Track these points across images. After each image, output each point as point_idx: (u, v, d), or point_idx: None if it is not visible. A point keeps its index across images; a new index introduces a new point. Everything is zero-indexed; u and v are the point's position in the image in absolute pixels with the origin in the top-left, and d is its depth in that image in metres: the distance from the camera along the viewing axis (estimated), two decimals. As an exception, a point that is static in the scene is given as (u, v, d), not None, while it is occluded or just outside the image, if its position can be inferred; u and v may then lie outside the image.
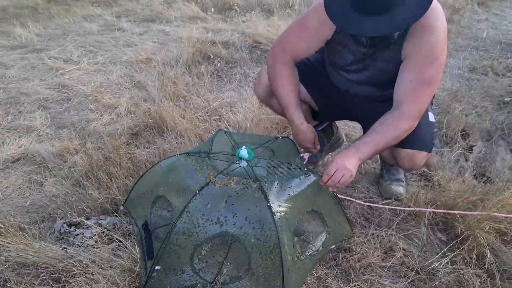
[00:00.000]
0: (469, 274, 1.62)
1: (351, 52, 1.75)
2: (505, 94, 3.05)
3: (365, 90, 1.88)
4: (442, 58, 1.62)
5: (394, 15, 1.42)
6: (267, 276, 1.45)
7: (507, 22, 4.63)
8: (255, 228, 1.45)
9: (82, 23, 4.51)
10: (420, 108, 1.66)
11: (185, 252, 1.47)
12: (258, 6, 4.75)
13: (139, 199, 1.78)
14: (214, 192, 1.48)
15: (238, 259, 1.49)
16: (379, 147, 1.66)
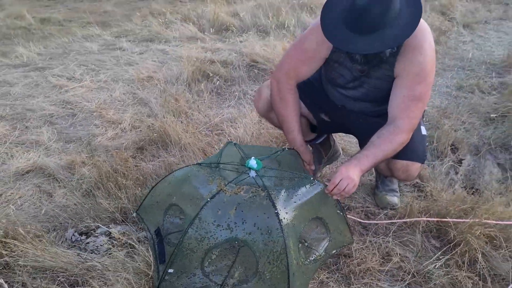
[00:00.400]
0: (462, 276, 1.73)
1: (348, 69, 1.88)
2: (491, 110, 3.21)
3: (361, 106, 2.00)
4: (431, 76, 1.76)
5: (386, 33, 1.55)
6: (273, 279, 1.54)
7: (491, 43, 4.85)
8: (263, 234, 1.55)
9: (82, 43, 4.63)
10: (413, 122, 1.79)
11: (197, 256, 1.55)
12: (254, 27, 4.92)
13: (152, 206, 1.86)
14: (225, 200, 1.58)
15: (246, 263, 1.58)
16: (378, 159, 1.78)
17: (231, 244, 1.59)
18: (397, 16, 1.56)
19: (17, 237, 1.75)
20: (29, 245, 1.71)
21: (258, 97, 2.14)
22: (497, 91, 3.58)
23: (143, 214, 1.89)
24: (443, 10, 5.68)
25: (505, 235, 1.96)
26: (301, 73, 1.94)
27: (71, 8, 8.81)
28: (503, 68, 4.07)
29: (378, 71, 1.81)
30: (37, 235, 1.82)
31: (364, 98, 1.96)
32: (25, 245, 1.70)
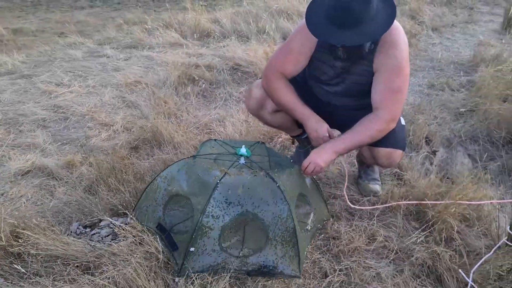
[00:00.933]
0: (440, 251, 1.92)
1: (330, 66, 2.04)
2: (460, 106, 3.45)
3: (344, 100, 2.17)
4: (406, 69, 1.94)
5: (365, 28, 1.73)
6: (284, 242, 1.76)
7: (458, 45, 5.15)
8: (269, 204, 1.76)
9: (66, 50, 4.70)
10: (394, 113, 1.96)
11: (214, 233, 1.72)
12: (234, 32, 5.08)
13: (148, 205, 1.98)
14: (231, 182, 1.77)
15: (256, 234, 1.77)
16: (354, 143, 1.97)
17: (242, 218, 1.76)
18: (375, 14, 1.74)
19: (27, 228, 1.84)
20: (40, 235, 1.80)
21: (249, 96, 2.27)
22: (465, 88, 3.84)
23: (139, 216, 2.00)
24: (412, 15, 5.98)
25: (477, 215, 2.16)
26: (287, 70, 2.08)
27: (43, 18, 8.82)
28: (470, 67, 4.35)
29: (358, 67, 1.98)
30: (45, 228, 1.92)
31: (347, 94, 2.12)
32: (37, 236, 1.79)
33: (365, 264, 1.91)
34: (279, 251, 1.75)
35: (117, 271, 1.68)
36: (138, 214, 2.02)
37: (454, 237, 2.02)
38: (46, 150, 2.70)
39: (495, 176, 2.73)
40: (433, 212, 2.10)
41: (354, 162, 2.69)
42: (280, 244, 1.75)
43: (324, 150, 1.95)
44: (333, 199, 2.36)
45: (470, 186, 2.24)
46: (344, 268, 1.88)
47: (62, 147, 2.76)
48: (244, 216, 1.76)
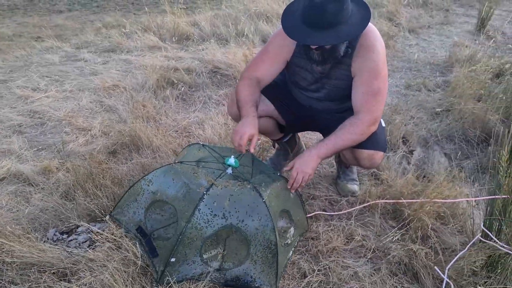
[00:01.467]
0: (416, 248, 1.95)
1: (309, 71, 2.06)
2: (436, 106, 3.51)
3: (325, 105, 2.19)
4: (384, 71, 1.97)
5: (340, 29, 1.75)
6: (264, 258, 1.75)
7: (434, 46, 5.25)
8: (254, 220, 1.76)
9: (42, 55, 4.63)
10: (374, 115, 1.98)
11: (196, 244, 1.72)
12: (214, 35, 5.08)
13: (129, 206, 1.98)
14: (218, 193, 1.77)
15: (238, 247, 1.78)
16: (337, 147, 1.98)
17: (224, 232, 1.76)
18: (350, 16, 1.77)
19: (2, 236, 1.81)
20: (15, 243, 1.78)
21: (231, 102, 2.26)
22: (441, 89, 3.92)
23: (119, 215, 1.99)
24: (390, 17, 6.07)
25: (452, 212, 2.21)
26: (261, 72, 2.08)
27: (20, 22, 8.68)
28: (445, 68, 4.44)
29: (337, 71, 2.01)
30: (20, 235, 1.89)
31: (327, 98, 2.14)
32: (12, 243, 1.77)
33: (343, 264, 1.93)
34: (259, 267, 1.75)
35: (94, 277, 1.67)
36: (117, 213, 2.00)
37: (430, 235, 2.06)
38: (22, 156, 2.66)
39: (470, 174, 2.79)
40: (409, 211, 2.14)
41: (332, 163, 2.72)
42: (260, 260, 1.75)
43: (309, 157, 1.95)
44: (312, 200, 2.38)
45: (445, 184, 2.29)
46: (323, 268, 1.90)
47: (38, 153, 2.72)
48: (227, 229, 1.76)
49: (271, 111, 2.28)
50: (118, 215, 2.01)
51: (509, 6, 6.80)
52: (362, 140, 2.00)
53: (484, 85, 3.60)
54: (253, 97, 2.04)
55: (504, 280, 1.78)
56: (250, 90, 2.06)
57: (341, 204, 2.34)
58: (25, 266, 1.76)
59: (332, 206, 2.35)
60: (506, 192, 1.78)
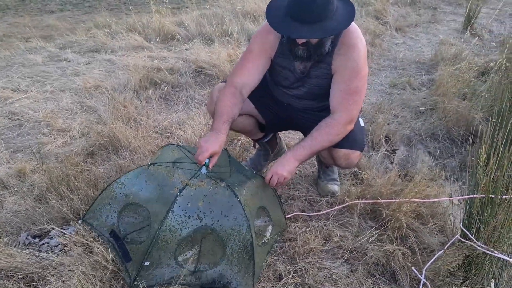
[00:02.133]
0: (393, 249, 1.93)
1: (291, 71, 2.04)
2: (420, 104, 3.50)
3: (305, 103, 2.18)
4: (364, 71, 1.96)
5: (326, 24, 1.73)
6: (240, 259, 1.72)
7: (421, 44, 5.24)
8: (229, 219, 1.72)
9: (25, 55, 4.57)
10: (351, 114, 1.97)
11: (170, 247, 1.68)
12: (199, 35, 5.04)
13: (102, 210, 1.94)
14: (192, 194, 1.73)
15: (213, 248, 1.74)
16: (314, 150, 1.96)
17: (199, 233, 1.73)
18: (335, 11, 1.76)
19: (-32, 242, 1.78)
20: (-18, 248, 1.74)
21: (210, 100, 2.23)
22: (426, 87, 3.90)
23: (92, 219, 1.96)
24: (377, 15, 6.05)
25: (432, 212, 2.19)
26: (247, 72, 2.03)
27: (11, 23, 8.60)
28: (431, 66, 4.42)
29: (317, 70, 1.99)
30: (-11, 239, 1.85)
31: (307, 96, 2.13)
32: (-21, 248, 1.73)
33: (319, 265, 1.90)
34: (235, 267, 1.72)
35: (61, 282, 1.63)
36: (90, 217, 1.96)
37: (408, 235, 2.04)
38: (-2, 159, 2.61)
39: (453, 172, 2.77)
40: (387, 211, 2.12)
41: (313, 163, 2.69)
42: (236, 260, 1.72)
43: (286, 160, 1.94)
44: (291, 200, 2.35)
45: (425, 183, 2.27)
46: (299, 269, 1.87)
47: (14, 154, 2.68)
48: (202, 230, 1.72)
49: (250, 109, 2.26)
50: (91, 219, 1.97)
51: (496, 4, 6.81)
52: (338, 140, 1.98)
53: (468, 84, 3.59)
54: (232, 110, 1.96)
55: (481, 281, 1.76)
56: (232, 101, 1.98)
57: (321, 205, 2.31)
58: (-8, 271, 1.72)
59: (312, 206, 2.32)
60: (484, 191, 1.75)
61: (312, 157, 2.15)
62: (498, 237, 1.70)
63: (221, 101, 1.99)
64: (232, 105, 1.97)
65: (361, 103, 2.04)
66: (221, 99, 1.99)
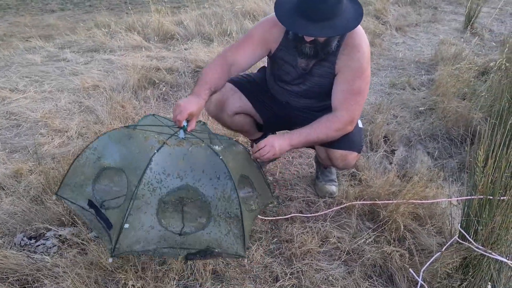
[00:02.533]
0: (390, 250, 1.91)
1: (293, 67, 2.03)
2: (420, 104, 3.48)
3: (304, 102, 2.17)
4: (367, 72, 1.96)
5: (336, 22, 1.73)
6: (227, 219, 1.64)
7: (421, 44, 5.22)
8: (212, 178, 1.64)
9: (24, 55, 4.56)
10: (352, 114, 1.97)
11: (151, 209, 1.59)
12: (198, 35, 5.03)
13: (76, 181, 1.75)
14: (171, 152, 1.63)
15: (199, 210, 1.66)
16: (309, 139, 1.96)
17: (180, 194, 1.64)
18: (344, 10, 1.76)
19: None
20: (-24, 250, 1.73)
21: (209, 99, 2.24)
22: (426, 87, 3.89)
23: (67, 193, 1.76)
24: (377, 15, 6.03)
25: (430, 213, 2.18)
26: (241, 53, 2.01)
27: (11, 22, 8.59)
28: (431, 66, 4.41)
29: (320, 69, 1.99)
30: (-16, 241, 1.84)
31: (307, 95, 2.12)
32: (-27, 250, 1.72)
33: (316, 267, 1.89)
34: (223, 229, 1.64)
35: (56, 284, 1.62)
36: (64, 191, 1.76)
37: (406, 236, 2.03)
38: (-6, 159, 2.60)
39: (452, 173, 2.76)
40: (385, 212, 2.10)
41: (311, 163, 2.68)
42: (223, 221, 1.64)
43: (281, 139, 1.93)
44: (289, 201, 2.33)
45: (423, 184, 2.26)
46: (296, 271, 1.86)
47: (11, 155, 2.67)
48: (183, 190, 1.63)
49: (248, 108, 2.25)
50: (65, 193, 1.76)
51: (497, 3, 6.78)
52: (337, 137, 1.97)
53: (468, 84, 3.57)
54: (217, 81, 1.92)
55: (479, 283, 1.75)
56: (219, 73, 1.94)
57: (318, 206, 2.30)
58: (-13, 273, 1.71)
59: (309, 207, 2.31)
60: (482, 192, 1.74)
61: (305, 146, 2.13)
62: (496, 239, 1.69)
63: (209, 69, 1.95)
64: (218, 76, 1.93)
65: (363, 104, 2.04)
66: (210, 67, 1.96)
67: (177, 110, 1.73)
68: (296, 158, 2.77)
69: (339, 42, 1.90)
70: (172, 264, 1.75)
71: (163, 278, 1.71)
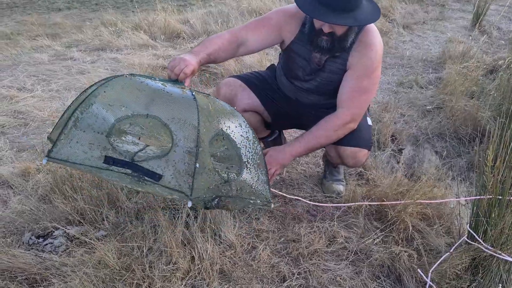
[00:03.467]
0: (398, 250, 1.90)
1: (306, 60, 2.02)
2: (427, 103, 3.46)
3: (313, 98, 2.16)
4: (378, 71, 1.95)
5: (357, 14, 1.73)
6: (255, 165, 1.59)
7: (428, 42, 5.18)
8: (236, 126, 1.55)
9: (31, 54, 4.58)
10: (353, 113, 1.95)
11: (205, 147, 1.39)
12: (205, 33, 5.02)
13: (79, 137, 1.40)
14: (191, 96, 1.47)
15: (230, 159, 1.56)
16: (310, 146, 1.97)
17: None
18: (364, 5, 1.77)
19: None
20: (-15, 249, 1.74)
21: (217, 94, 2.25)
22: (433, 86, 3.86)
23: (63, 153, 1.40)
24: (384, 13, 5.98)
25: (438, 213, 2.16)
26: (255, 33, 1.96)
27: (18, 21, 8.61)
28: (438, 64, 4.38)
29: (333, 65, 1.98)
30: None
31: (317, 91, 2.11)
32: (-18, 249, 1.73)
33: (324, 267, 1.88)
34: (254, 176, 1.57)
35: (64, 283, 1.63)
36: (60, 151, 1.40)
37: (414, 237, 2.01)
38: (3, 158, 2.61)
39: (461, 172, 2.74)
40: (393, 212, 2.09)
41: (318, 163, 2.67)
42: (253, 168, 1.57)
43: (282, 154, 1.94)
44: (296, 201, 2.32)
45: (431, 183, 2.24)
46: (303, 271, 1.85)
47: (19, 154, 2.68)
48: (219, 136, 1.49)
49: (257, 105, 2.25)
50: (61, 152, 1.40)
51: (505, 1, 6.71)
52: (337, 137, 1.97)
53: (476, 82, 3.54)
54: (218, 52, 1.85)
55: (488, 284, 1.73)
56: (225, 45, 1.87)
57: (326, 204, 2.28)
58: (-3, 272, 1.71)
59: (317, 207, 2.29)
60: (491, 192, 1.72)
61: (309, 153, 2.13)
62: (505, 239, 1.67)
63: (217, 37, 1.90)
64: (223, 48, 1.86)
65: (368, 103, 2.03)
66: (217, 36, 1.91)
67: (182, 63, 1.62)
68: (303, 157, 2.75)
69: (354, 38, 1.89)
70: (179, 264, 1.74)
71: (170, 277, 1.71)
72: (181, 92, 1.50)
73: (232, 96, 2.20)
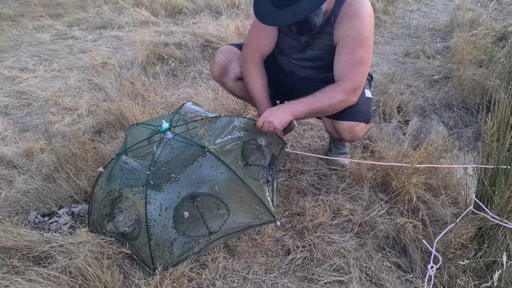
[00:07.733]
0: (403, 222, 1.89)
1: (295, 39, 1.99)
2: (434, 73, 3.39)
3: (308, 72, 2.12)
4: (369, 41, 1.88)
5: (299, 6, 1.66)
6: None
7: (436, 10, 5.05)
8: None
9: (34, 34, 4.55)
10: (355, 85, 1.90)
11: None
12: (207, 8, 4.94)
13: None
14: None
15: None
16: (312, 108, 1.92)
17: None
18: None
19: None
20: (-9, 227, 1.75)
21: (213, 63, 2.24)
22: (441, 55, 3.78)
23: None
24: (390, -18, 5.84)
25: (443, 184, 2.13)
26: (263, 46, 2.08)
27: (22, 2, 8.53)
28: (446, 33, 4.27)
29: (319, 41, 1.93)
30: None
31: (310, 66, 2.08)
32: (-12, 228, 1.74)
33: (328, 239, 1.88)
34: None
35: (69, 260, 1.64)
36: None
37: (420, 207, 1.99)
38: (6, 138, 2.62)
39: (469, 142, 2.70)
40: (397, 183, 2.06)
41: (323, 136, 2.64)
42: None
43: (281, 110, 1.91)
44: (300, 175, 2.31)
45: (438, 154, 2.21)
46: (307, 244, 1.85)
47: (23, 134, 2.68)
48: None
49: None
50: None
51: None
52: (340, 108, 1.93)
53: (485, 50, 3.45)
54: (265, 87, 2.13)
55: (494, 253, 1.71)
56: (262, 79, 2.12)
57: (330, 179, 2.27)
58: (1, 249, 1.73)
59: (321, 180, 2.28)
60: (495, 161, 1.69)
61: (308, 116, 2.09)
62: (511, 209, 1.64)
63: (253, 82, 2.12)
64: (264, 83, 2.13)
65: (367, 73, 1.98)
66: (252, 80, 2.12)
67: (270, 127, 1.90)
68: (308, 130, 2.73)
69: (336, 11, 1.82)
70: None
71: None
72: None
73: (226, 63, 2.19)
